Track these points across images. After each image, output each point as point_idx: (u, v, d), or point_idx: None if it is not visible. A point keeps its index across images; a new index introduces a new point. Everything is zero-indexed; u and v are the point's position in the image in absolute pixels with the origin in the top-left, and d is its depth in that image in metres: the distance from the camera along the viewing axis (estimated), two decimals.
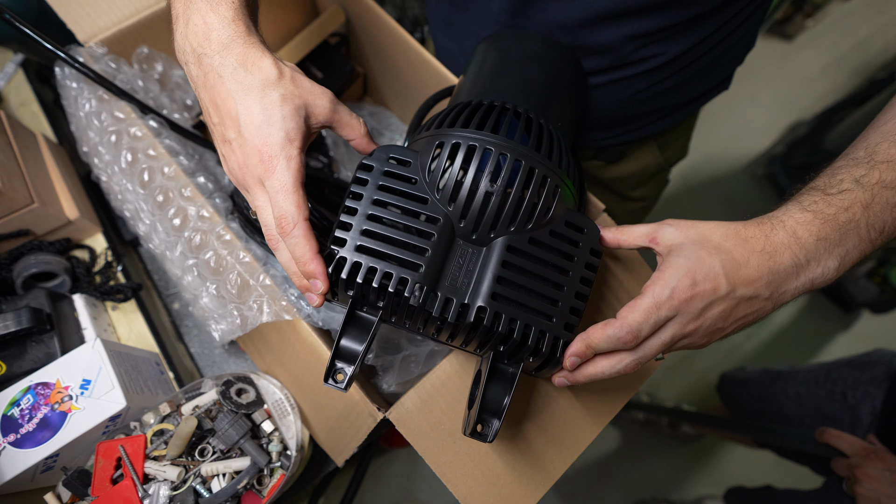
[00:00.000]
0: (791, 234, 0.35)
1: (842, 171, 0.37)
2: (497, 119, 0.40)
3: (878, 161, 0.36)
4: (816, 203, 0.36)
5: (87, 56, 0.56)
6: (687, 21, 0.48)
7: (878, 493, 0.66)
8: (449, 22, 0.62)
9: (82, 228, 0.65)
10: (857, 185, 0.36)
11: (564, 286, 0.38)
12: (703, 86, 0.61)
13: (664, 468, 1.50)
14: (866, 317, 1.72)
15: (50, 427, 0.46)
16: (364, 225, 0.37)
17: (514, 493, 0.45)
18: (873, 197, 0.35)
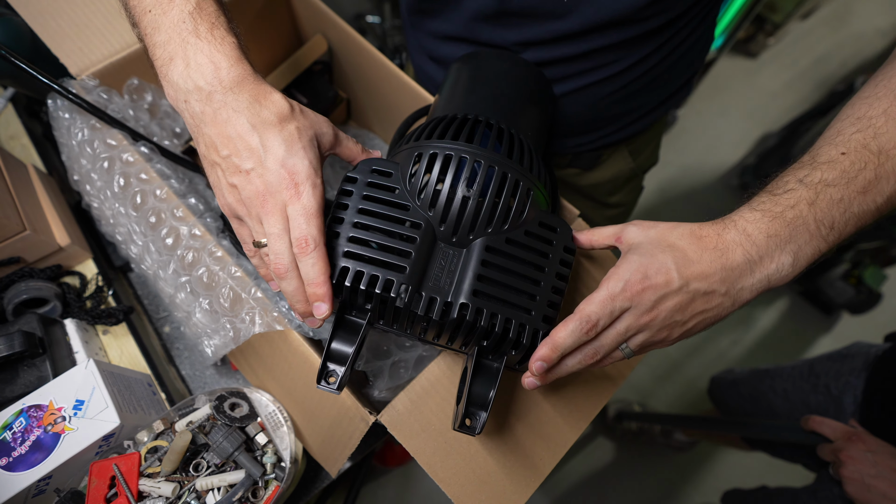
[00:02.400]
0: (741, 232, 0.37)
1: (788, 174, 0.39)
2: (471, 130, 0.43)
3: (819, 162, 0.38)
4: (764, 203, 0.38)
5: (80, 88, 0.58)
6: (642, 35, 0.53)
7: (862, 474, 0.68)
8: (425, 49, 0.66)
9: (73, 255, 0.66)
10: (800, 185, 0.37)
11: (541, 282, 0.40)
12: (666, 89, 0.65)
13: (659, 478, 1.50)
14: (846, 318, 1.76)
15: (43, 449, 0.47)
16: (350, 232, 0.39)
17: (506, 491, 0.46)
18: (817, 194, 0.37)
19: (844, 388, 0.85)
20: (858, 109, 0.39)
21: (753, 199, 0.39)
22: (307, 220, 0.37)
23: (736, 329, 1.74)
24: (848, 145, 0.38)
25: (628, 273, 0.37)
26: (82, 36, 0.61)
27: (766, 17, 2.12)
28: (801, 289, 1.81)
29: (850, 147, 0.38)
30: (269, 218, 0.38)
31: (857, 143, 0.37)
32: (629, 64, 0.56)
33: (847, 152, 0.37)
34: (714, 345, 1.70)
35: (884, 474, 0.67)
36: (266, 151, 0.37)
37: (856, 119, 0.39)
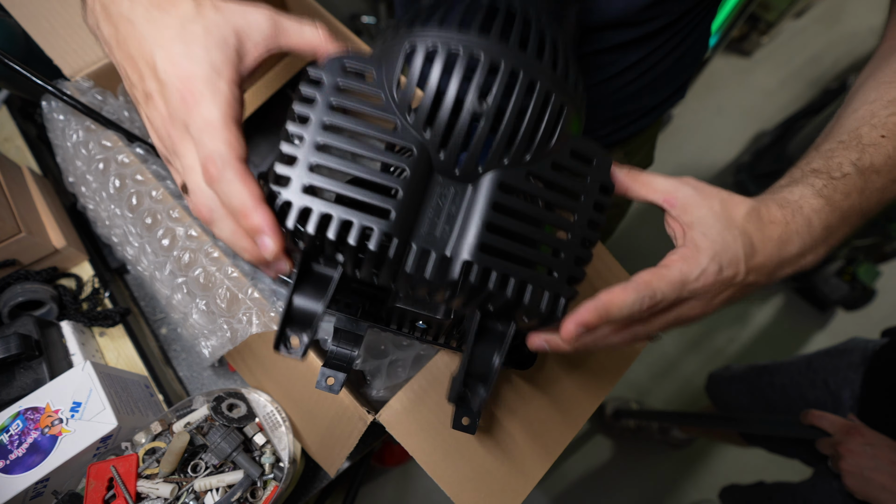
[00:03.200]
0: (806, 222, 0.34)
1: (837, 153, 0.36)
2: (487, 17, 0.31)
3: (865, 144, 0.36)
4: (826, 188, 0.34)
5: (74, 89, 0.58)
6: (639, 38, 0.53)
7: (861, 467, 0.68)
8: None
9: (69, 257, 0.66)
10: (854, 169, 0.35)
11: (569, 232, 0.31)
12: (661, 93, 0.65)
13: (658, 475, 1.50)
14: (840, 314, 1.78)
15: (40, 451, 0.46)
16: (312, 157, 0.28)
17: (504, 488, 0.46)
18: (866, 182, 0.35)
19: (842, 382, 0.86)
20: (887, 93, 0.38)
21: (810, 178, 0.35)
22: (210, 136, 0.28)
23: (732, 326, 1.75)
24: (886, 128, 0.36)
25: (706, 261, 0.32)
26: (76, 37, 0.61)
27: (760, 15, 2.14)
28: (796, 285, 1.82)
29: (888, 130, 0.36)
30: (178, 148, 0.30)
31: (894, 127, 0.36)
32: (624, 67, 0.56)
33: (887, 136, 0.36)
34: (711, 342, 1.71)
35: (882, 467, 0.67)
36: (161, 63, 0.29)
37: (888, 102, 0.37)
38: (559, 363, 0.51)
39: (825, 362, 0.92)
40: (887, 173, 0.36)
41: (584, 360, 0.53)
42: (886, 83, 0.39)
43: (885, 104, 0.37)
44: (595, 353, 0.53)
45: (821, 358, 0.94)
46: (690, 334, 1.72)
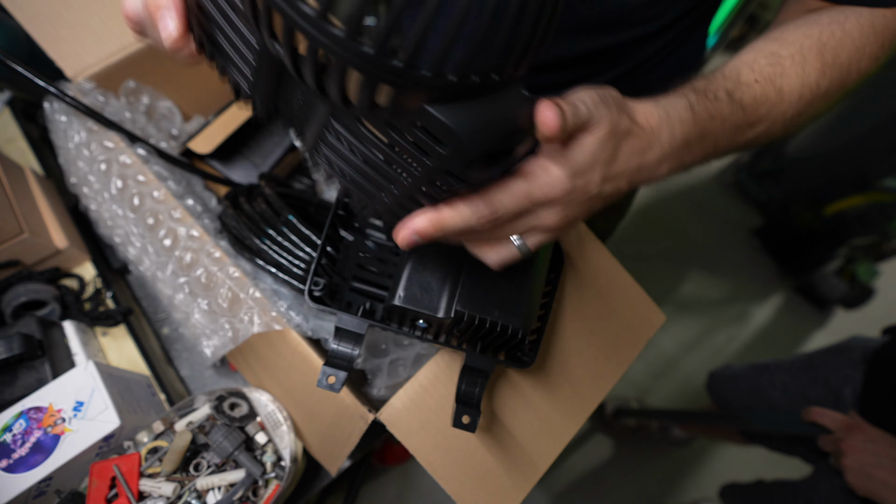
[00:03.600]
0: (670, 132, 0.35)
1: (716, 80, 0.39)
2: None
3: (741, 81, 0.39)
4: (698, 104, 0.36)
5: (76, 91, 0.58)
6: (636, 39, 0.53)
7: (862, 463, 0.69)
8: None
9: (71, 257, 0.66)
10: (728, 98, 0.37)
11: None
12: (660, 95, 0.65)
13: (658, 474, 1.51)
14: (839, 313, 1.78)
15: (43, 450, 0.47)
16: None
17: (504, 487, 0.46)
18: (732, 113, 0.38)
19: (843, 380, 0.86)
20: (770, 45, 0.41)
21: (689, 93, 0.37)
22: None
23: (731, 325, 1.75)
24: (761, 75, 0.39)
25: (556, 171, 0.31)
26: (78, 39, 0.61)
27: (759, 15, 2.14)
28: (795, 284, 1.82)
29: (762, 76, 0.39)
30: None
31: (768, 76, 0.39)
32: (623, 72, 0.56)
33: (760, 81, 0.39)
34: (710, 341, 1.71)
35: (884, 463, 0.68)
36: None
37: (769, 53, 0.41)
38: (559, 362, 0.52)
39: (826, 360, 0.92)
40: (751, 113, 0.39)
41: (584, 360, 0.53)
42: (773, 39, 0.42)
43: (766, 55, 0.41)
44: (595, 354, 0.54)
45: (822, 356, 0.94)
46: (690, 334, 1.72)
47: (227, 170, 0.73)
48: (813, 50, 0.41)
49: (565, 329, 0.53)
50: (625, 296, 0.57)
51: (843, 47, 0.42)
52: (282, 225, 0.52)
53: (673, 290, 1.78)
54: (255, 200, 0.56)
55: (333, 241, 0.48)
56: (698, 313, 1.76)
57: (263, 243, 0.51)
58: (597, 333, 0.53)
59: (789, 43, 0.41)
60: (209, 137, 0.67)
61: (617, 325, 0.55)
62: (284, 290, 0.51)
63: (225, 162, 0.74)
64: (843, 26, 0.42)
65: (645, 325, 0.57)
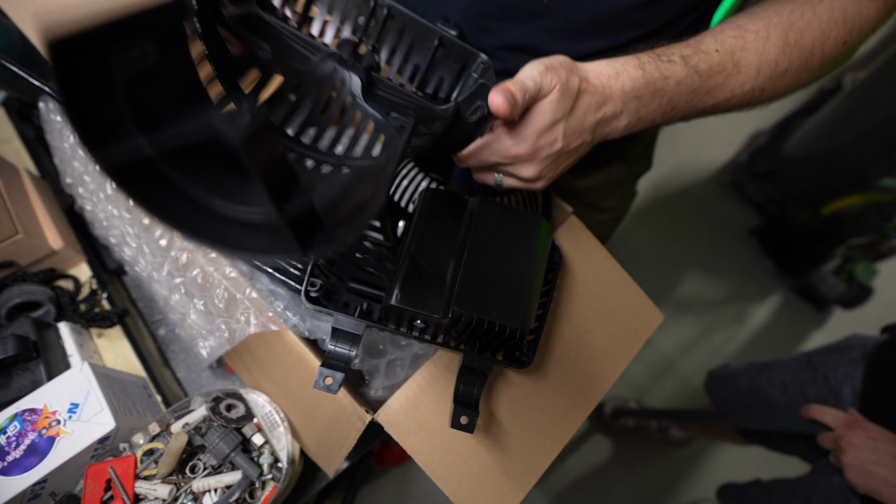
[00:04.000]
0: (620, 88, 0.39)
1: (674, 46, 0.42)
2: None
3: (700, 49, 0.42)
4: (649, 64, 0.40)
5: None
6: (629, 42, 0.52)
7: (862, 461, 0.69)
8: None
9: (66, 258, 0.66)
10: (682, 61, 0.40)
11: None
12: None
13: (657, 474, 1.50)
14: (838, 313, 1.78)
15: (38, 453, 0.46)
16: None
17: (503, 487, 0.46)
18: (686, 76, 0.40)
19: (843, 378, 0.86)
20: (740, 20, 0.44)
21: (643, 54, 0.41)
22: None
23: (730, 325, 1.75)
24: (723, 45, 0.42)
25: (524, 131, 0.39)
26: None
27: None
28: (793, 284, 1.82)
29: (723, 47, 0.42)
30: None
31: (729, 47, 0.42)
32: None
33: (720, 51, 0.42)
34: (708, 341, 1.71)
35: (884, 461, 0.68)
36: None
37: (736, 26, 0.43)
38: (557, 362, 0.51)
39: (825, 359, 0.92)
40: (704, 80, 0.41)
41: (582, 360, 0.53)
42: (747, 12, 0.45)
43: (734, 27, 0.43)
44: (594, 353, 0.53)
45: (821, 354, 0.94)
46: (688, 334, 1.72)
47: None
48: (778, 28, 0.43)
49: (563, 329, 0.52)
50: (623, 295, 0.56)
51: (809, 29, 0.43)
52: None
53: (671, 290, 1.78)
54: None
55: None
56: (696, 313, 1.76)
57: None
58: (595, 333, 0.53)
59: (758, 18, 0.43)
60: None
61: (615, 324, 0.55)
62: (281, 290, 0.51)
63: None
64: (814, 9, 0.43)
65: (643, 324, 0.56)
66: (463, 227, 0.42)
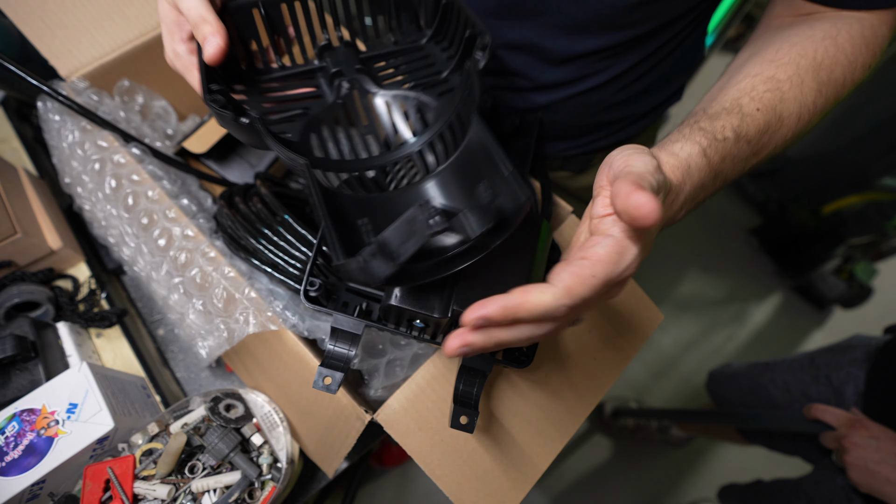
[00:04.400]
0: (691, 184, 0.36)
1: (721, 118, 0.38)
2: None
3: (745, 114, 0.39)
4: (710, 149, 0.37)
5: (70, 90, 0.58)
6: (630, 41, 0.52)
7: (865, 460, 0.68)
8: None
9: (65, 258, 0.66)
10: (734, 136, 0.38)
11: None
12: (655, 98, 0.65)
13: (657, 474, 1.50)
14: (838, 312, 1.78)
15: (36, 453, 0.46)
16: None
17: (504, 487, 0.46)
18: (739, 150, 0.38)
19: (846, 378, 0.86)
20: (767, 69, 0.41)
21: (698, 135, 0.37)
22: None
23: (730, 325, 1.75)
24: (762, 103, 0.40)
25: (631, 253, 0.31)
26: (72, 38, 0.60)
27: (756, 15, 2.14)
28: (793, 284, 1.82)
29: (763, 105, 0.40)
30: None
31: (769, 103, 0.40)
32: (617, 73, 0.56)
33: (762, 109, 0.39)
34: (709, 341, 1.71)
35: (887, 460, 0.67)
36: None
37: (766, 79, 0.41)
38: (557, 362, 0.51)
39: (828, 359, 0.92)
40: (755, 144, 0.39)
41: (582, 359, 0.53)
42: (769, 61, 0.42)
43: (763, 80, 0.41)
44: (593, 353, 0.53)
45: (823, 354, 0.94)
46: (688, 333, 1.72)
47: (222, 169, 0.73)
48: (809, 71, 0.41)
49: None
50: (622, 294, 0.56)
51: (837, 64, 0.42)
52: (277, 225, 0.52)
53: (671, 290, 1.78)
54: (251, 200, 0.55)
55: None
56: (697, 313, 1.76)
57: (259, 243, 0.51)
58: (594, 332, 0.53)
59: (785, 65, 0.41)
60: (204, 137, 0.67)
61: (615, 323, 0.54)
62: (280, 290, 0.51)
63: (220, 161, 0.73)
64: (836, 41, 0.42)
65: (643, 323, 0.56)
66: None
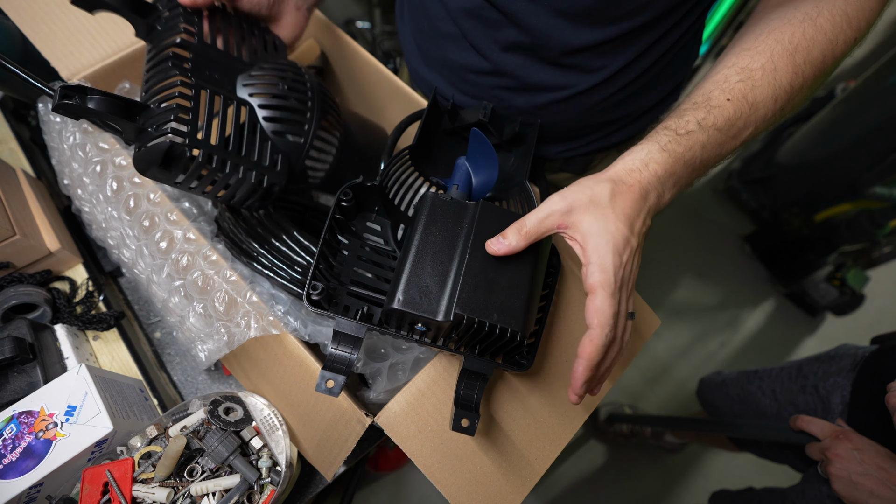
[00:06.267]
0: (654, 175, 0.41)
1: (687, 113, 0.43)
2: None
3: (712, 106, 0.42)
4: (671, 143, 0.42)
5: None
6: (622, 36, 0.53)
7: (849, 471, 0.69)
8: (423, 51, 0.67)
9: (63, 260, 0.65)
10: (699, 128, 0.42)
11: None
12: (652, 97, 0.66)
13: (651, 480, 1.51)
14: (830, 319, 1.80)
15: (34, 456, 0.46)
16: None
17: (502, 490, 0.46)
18: (708, 138, 0.42)
19: (832, 388, 0.87)
20: (742, 59, 0.44)
21: (660, 135, 0.42)
22: None
23: (723, 331, 1.76)
24: (732, 93, 0.42)
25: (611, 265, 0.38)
26: (73, 40, 0.60)
27: None
28: (786, 291, 1.84)
29: (734, 95, 0.42)
30: None
31: (739, 93, 0.42)
32: (612, 72, 0.57)
33: (731, 99, 0.42)
34: (702, 347, 1.72)
35: (870, 472, 0.68)
36: None
37: (740, 69, 0.43)
38: (556, 366, 0.52)
39: (815, 368, 0.93)
40: (726, 132, 0.42)
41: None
42: (745, 50, 0.45)
43: (737, 70, 0.43)
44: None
45: (811, 364, 0.95)
46: (682, 340, 1.73)
47: None
48: (784, 56, 0.43)
49: (562, 332, 0.53)
50: None
51: (815, 44, 0.43)
52: (279, 229, 0.52)
53: (665, 296, 1.79)
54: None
55: (331, 245, 0.48)
56: (690, 319, 1.77)
57: (261, 247, 0.51)
58: None
59: (760, 52, 0.44)
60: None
61: None
62: (282, 294, 0.51)
63: None
64: (815, 22, 0.43)
65: (641, 328, 0.57)
66: (464, 232, 0.43)
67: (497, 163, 0.53)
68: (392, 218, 0.53)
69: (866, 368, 0.84)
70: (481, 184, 0.53)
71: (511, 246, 0.40)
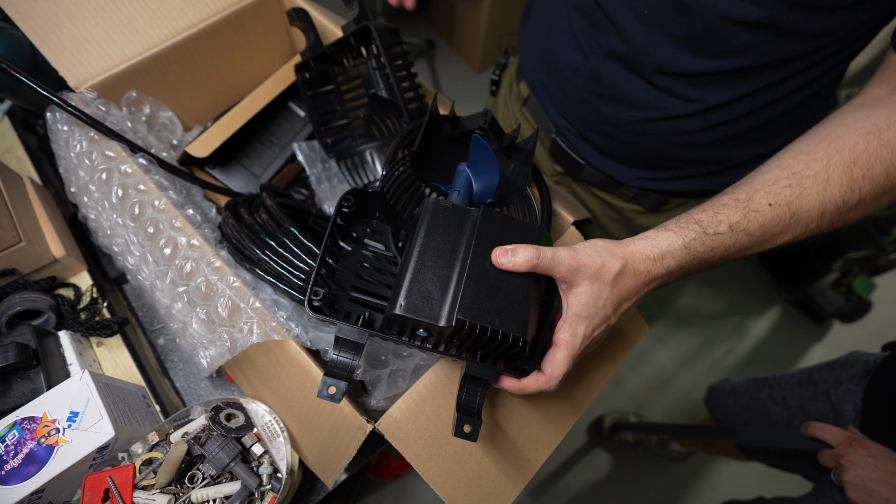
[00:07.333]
0: (666, 270, 0.41)
1: (723, 211, 0.42)
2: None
3: (751, 209, 0.41)
4: (695, 242, 0.41)
5: (79, 100, 0.59)
6: (726, 72, 0.50)
7: (863, 479, 0.68)
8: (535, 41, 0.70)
9: (67, 267, 0.66)
10: (729, 231, 0.41)
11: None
12: (755, 149, 0.60)
13: (657, 489, 1.49)
14: (837, 326, 1.78)
15: (36, 462, 0.46)
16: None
17: (499, 488, 0.46)
18: (735, 241, 0.41)
19: (844, 395, 0.86)
20: (797, 164, 0.42)
21: (688, 228, 0.42)
22: None
23: (729, 339, 1.75)
24: (777, 198, 0.41)
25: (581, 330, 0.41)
26: (82, 49, 0.61)
27: None
28: (792, 298, 1.83)
29: (777, 200, 0.41)
30: None
31: (784, 199, 0.41)
32: (707, 107, 0.54)
33: (773, 205, 0.41)
34: (708, 355, 1.71)
35: (885, 479, 0.67)
36: None
37: (792, 174, 0.42)
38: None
39: (826, 375, 0.92)
40: (757, 237, 0.41)
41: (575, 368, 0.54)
42: (803, 154, 0.43)
43: (788, 174, 0.42)
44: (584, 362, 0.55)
45: (822, 371, 0.94)
46: (688, 348, 1.72)
47: (226, 179, 0.74)
48: (840, 167, 0.41)
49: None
50: None
51: (878, 158, 0.41)
52: (282, 235, 0.52)
53: (670, 304, 1.78)
54: (257, 211, 0.56)
55: (332, 251, 0.48)
56: (696, 327, 1.76)
57: (264, 254, 0.51)
58: None
59: (816, 160, 0.41)
60: (206, 141, 0.68)
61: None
62: (284, 300, 0.51)
63: (223, 170, 0.74)
64: (881, 136, 0.41)
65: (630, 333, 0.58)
66: (465, 237, 0.43)
67: (498, 169, 0.53)
68: (393, 224, 0.53)
69: (879, 375, 0.83)
70: (482, 190, 0.53)
71: (516, 266, 0.40)
